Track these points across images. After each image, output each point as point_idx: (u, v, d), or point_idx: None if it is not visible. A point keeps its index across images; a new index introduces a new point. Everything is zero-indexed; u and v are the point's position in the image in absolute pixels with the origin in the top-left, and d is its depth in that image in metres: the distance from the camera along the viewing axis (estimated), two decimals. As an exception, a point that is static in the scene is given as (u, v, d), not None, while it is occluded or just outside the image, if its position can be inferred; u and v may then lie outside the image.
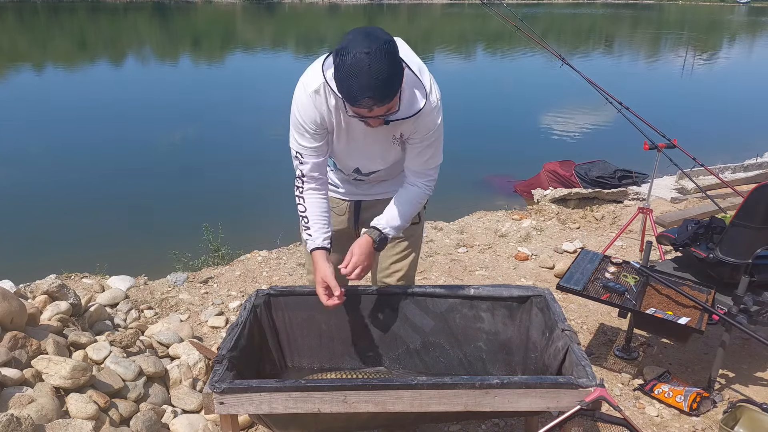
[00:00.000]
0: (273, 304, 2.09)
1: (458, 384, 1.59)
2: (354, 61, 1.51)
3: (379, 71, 1.51)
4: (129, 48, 22.66)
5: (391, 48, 1.56)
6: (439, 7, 55.45)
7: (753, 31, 38.54)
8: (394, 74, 1.57)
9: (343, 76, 1.55)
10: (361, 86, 1.53)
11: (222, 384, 1.59)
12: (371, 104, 1.56)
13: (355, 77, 1.52)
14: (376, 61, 1.51)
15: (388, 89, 1.56)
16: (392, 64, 1.55)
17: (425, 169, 1.92)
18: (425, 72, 1.79)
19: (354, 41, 1.54)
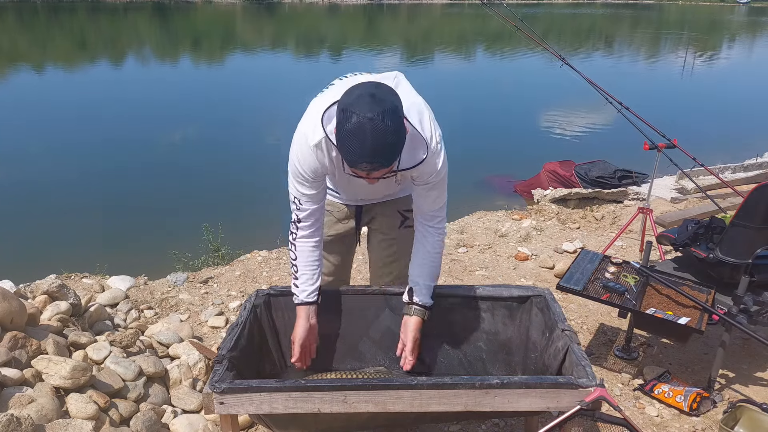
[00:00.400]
0: (273, 304, 2.09)
1: (458, 384, 1.59)
2: (356, 126, 1.49)
3: (380, 139, 1.50)
4: (129, 48, 22.65)
5: (394, 114, 1.53)
6: (439, 7, 55.44)
7: (753, 31, 38.54)
8: (396, 142, 1.55)
9: (343, 138, 1.53)
10: (361, 152, 1.51)
11: (222, 384, 1.59)
12: (370, 169, 1.56)
13: (356, 143, 1.50)
14: (379, 128, 1.49)
15: (387, 156, 1.55)
16: (394, 131, 1.53)
17: (433, 210, 1.92)
18: (425, 115, 1.77)
19: (358, 103, 1.51)
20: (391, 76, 1.79)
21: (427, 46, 26.65)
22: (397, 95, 1.61)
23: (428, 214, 1.93)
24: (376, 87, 1.57)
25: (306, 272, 1.93)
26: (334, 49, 23.83)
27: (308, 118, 1.79)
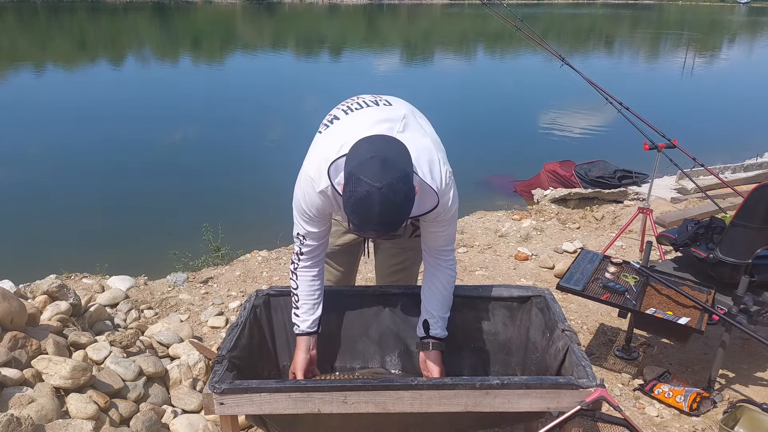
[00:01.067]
0: (273, 305, 2.09)
1: (458, 384, 1.59)
2: (365, 196, 1.45)
3: (389, 210, 1.47)
4: (129, 48, 22.66)
5: (404, 182, 1.49)
6: (439, 7, 55.44)
7: (753, 31, 38.55)
8: (405, 211, 1.52)
9: (352, 205, 1.49)
10: (368, 222, 1.49)
11: (222, 384, 1.59)
12: (376, 236, 1.57)
13: (364, 212, 1.47)
14: (388, 199, 1.45)
15: (396, 225, 1.53)
16: (403, 200, 1.49)
17: (443, 245, 1.89)
18: (435, 160, 1.71)
19: (368, 169, 1.46)
20: (399, 117, 1.73)
21: (427, 46, 26.65)
22: (407, 154, 1.57)
23: (438, 249, 1.90)
24: (387, 148, 1.53)
25: (307, 302, 1.92)
26: (334, 49, 23.84)
27: (314, 161, 1.73)
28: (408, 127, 1.72)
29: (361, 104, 1.80)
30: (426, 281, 1.95)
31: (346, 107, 1.82)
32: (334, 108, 1.87)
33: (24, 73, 16.09)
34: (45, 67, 17.06)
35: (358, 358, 2.14)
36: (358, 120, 1.72)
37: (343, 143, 1.61)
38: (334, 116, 1.81)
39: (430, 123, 2.01)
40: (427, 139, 1.74)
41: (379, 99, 1.84)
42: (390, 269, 2.24)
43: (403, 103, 1.86)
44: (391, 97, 1.89)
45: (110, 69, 17.57)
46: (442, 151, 1.77)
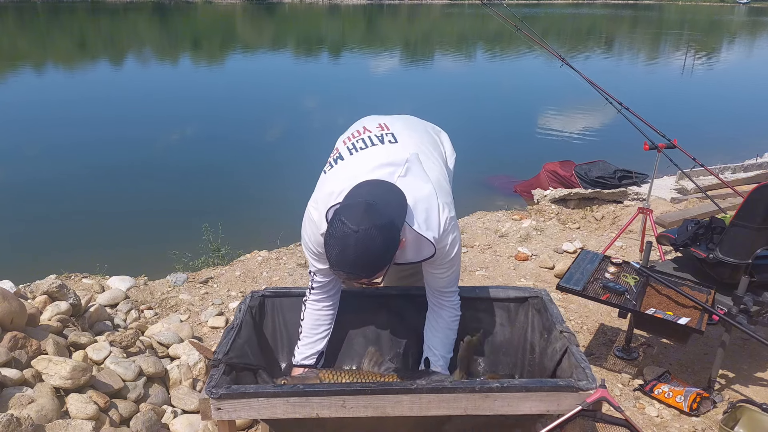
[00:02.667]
0: (268, 306, 2.09)
1: (458, 388, 1.59)
2: (339, 236, 1.47)
3: (361, 254, 1.46)
4: (128, 48, 22.67)
5: (384, 229, 1.48)
6: (439, 7, 55.45)
7: (753, 32, 38.55)
8: (378, 260, 1.50)
9: (328, 242, 1.51)
10: (340, 262, 1.49)
11: (219, 389, 1.57)
12: (346, 278, 1.54)
13: (337, 251, 1.48)
14: (361, 243, 1.45)
15: (367, 271, 1.51)
16: (380, 248, 1.48)
17: (445, 287, 1.88)
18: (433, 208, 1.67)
19: (352, 211, 1.49)
20: (402, 161, 1.70)
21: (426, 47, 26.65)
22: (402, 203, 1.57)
23: (440, 290, 1.89)
24: (380, 194, 1.54)
25: (309, 335, 1.93)
26: (334, 50, 23.84)
27: (318, 202, 1.71)
28: (410, 171, 1.69)
29: (366, 141, 1.78)
30: (430, 320, 1.94)
31: (351, 144, 1.79)
32: (340, 140, 1.86)
33: (24, 73, 16.09)
34: (45, 67, 17.07)
35: (356, 359, 2.13)
36: (360, 163, 1.71)
37: (342, 190, 1.61)
38: (339, 154, 1.80)
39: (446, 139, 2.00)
40: (429, 185, 1.69)
41: (385, 133, 1.80)
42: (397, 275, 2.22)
43: (410, 137, 1.82)
44: (398, 125, 1.85)
45: (110, 69, 17.58)
46: (444, 195, 1.73)
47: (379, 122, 1.85)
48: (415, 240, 1.66)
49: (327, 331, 1.95)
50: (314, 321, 1.92)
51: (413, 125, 1.94)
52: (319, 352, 1.93)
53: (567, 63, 4.38)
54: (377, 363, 1.91)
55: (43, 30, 29.21)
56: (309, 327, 1.92)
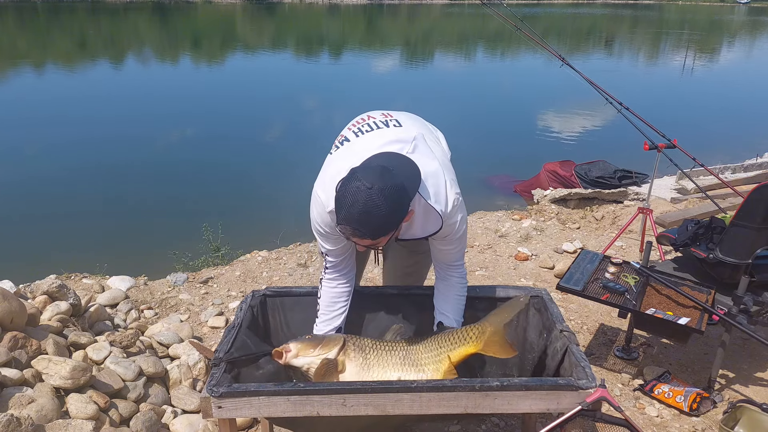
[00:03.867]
0: (269, 305, 2.09)
1: (458, 386, 1.59)
2: (352, 191, 1.49)
3: (370, 211, 1.48)
4: (128, 48, 22.66)
5: (396, 192, 1.50)
6: (439, 7, 55.44)
7: (753, 31, 38.55)
8: (385, 219, 1.51)
9: (338, 195, 1.53)
10: (347, 216, 1.50)
11: (220, 388, 1.58)
12: (350, 234, 1.54)
13: (346, 205, 1.50)
14: (372, 201, 1.47)
15: (371, 229, 1.52)
16: (389, 209, 1.49)
17: (453, 261, 1.92)
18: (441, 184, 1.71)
19: (367, 170, 1.52)
20: (410, 138, 1.74)
21: (427, 47, 26.65)
22: (415, 172, 1.58)
23: (448, 264, 1.92)
24: (398, 163, 1.57)
25: (326, 313, 1.94)
26: (334, 49, 23.84)
27: (324, 181, 1.74)
28: (417, 149, 1.72)
29: (371, 125, 1.80)
30: (439, 290, 1.96)
31: (356, 128, 1.82)
32: (345, 128, 1.88)
33: (24, 72, 16.10)
34: (45, 67, 17.06)
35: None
36: (367, 141, 1.73)
37: (351, 165, 1.61)
38: (344, 137, 1.82)
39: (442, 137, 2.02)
40: (436, 162, 1.73)
41: (389, 119, 1.83)
42: (400, 271, 2.24)
43: (413, 124, 1.85)
44: (401, 116, 1.88)
45: (110, 69, 17.58)
46: (451, 174, 1.76)
47: (382, 112, 1.89)
48: (424, 212, 1.68)
49: (344, 307, 1.96)
50: (330, 298, 1.93)
51: (414, 117, 1.99)
52: (336, 328, 1.94)
53: (567, 63, 4.38)
54: (401, 335, 1.89)
55: (43, 30, 29.21)
56: (326, 305, 1.94)
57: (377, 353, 1.78)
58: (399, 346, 1.83)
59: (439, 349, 1.79)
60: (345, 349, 1.77)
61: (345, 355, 1.76)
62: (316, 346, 1.75)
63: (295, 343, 1.76)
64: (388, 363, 1.77)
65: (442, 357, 1.77)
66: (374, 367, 1.75)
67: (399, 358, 1.78)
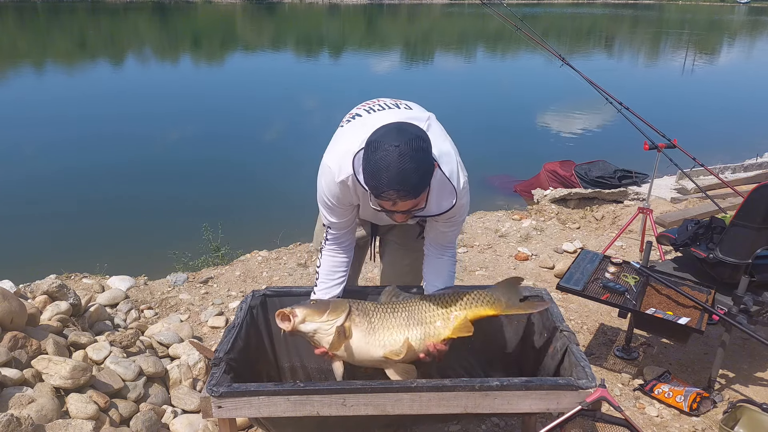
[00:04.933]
0: (269, 305, 2.09)
1: (457, 386, 1.59)
2: (382, 155, 1.49)
3: (406, 166, 1.48)
4: (129, 48, 22.66)
5: (421, 144, 1.52)
6: (439, 7, 55.44)
7: (753, 31, 38.55)
8: (422, 171, 1.52)
9: (370, 168, 1.52)
10: (388, 180, 1.49)
11: (220, 388, 1.58)
12: (395, 197, 1.52)
13: (382, 171, 1.49)
14: (405, 155, 1.48)
15: (414, 185, 1.51)
16: (421, 160, 1.51)
17: (449, 243, 1.95)
18: (454, 163, 1.74)
19: (385, 135, 1.52)
20: (424, 118, 1.76)
21: (427, 47, 26.65)
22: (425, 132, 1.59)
23: (444, 246, 1.94)
24: (403, 123, 1.58)
25: (325, 281, 1.94)
26: (334, 49, 23.84)
27: (335, 152, 1.75)
28: (431, 128, 1.74)
29: (383, 106, 1.84)
30: (431, 267, 1.97)
31: (368, 107, 1.84)
32: (355, 108, 1.90)
33: (24, 72, 16.10)
34: (45, 67, 17.07)
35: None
36: (380, 118, 1.74)
37: (364, 137, 1.60)
38: (356, 113, 1.84)
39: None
40: (448, 143, 1.77)
41: (399, 103, 1.87)
42: (398, 270, 2.24)
43: (423, 109, 1.89)
44: (411, 103, 1.92)
45: (110, 69, 17.58)
46: (459, 156, 1.79)
47: (392, 99, 1.92)
48: (440, 185, 1.69)
49: (342, 278, 1.97)
50: (330, 267, 1.94)
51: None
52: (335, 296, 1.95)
53: (567, 63, 4.38)
54: (395, 295, 1.88)
55: (43, 30, 29.21)
56: (325, 273, 1.95)
57: (381, 316, 1.77)
58: (401, 306, 1.81)
59: (447, 306, 1.80)
60: (350, 314, 1.75)
61: (350, 320, 1.74)
62: (324, 312, 1.72)
63: (301, 308, 1.72)
64: (393, 324, 1.76)
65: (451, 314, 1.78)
66: (379, 330, 1.74)
67: (403, 318, 1.77)
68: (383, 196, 1.52)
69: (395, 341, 1.73)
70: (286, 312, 1.71)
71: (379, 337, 1.73)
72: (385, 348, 1.72)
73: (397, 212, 1.60)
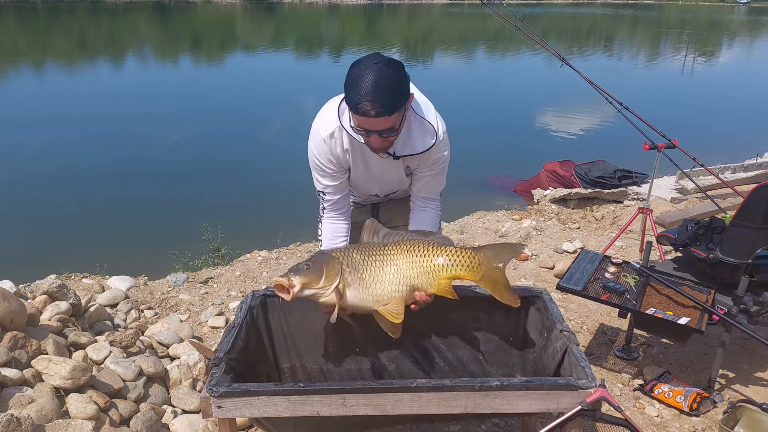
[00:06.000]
0: (269, 305, 2.08)
1: (457, 386, 1.58)
2: (361, 69, 1.63)
3: (381, 80, 1.61)
4: (128, 48, 22.66)
5: (399, 68, 1.66)
6: (439, 7, 55.44)
7: (753, 31, 38.55)
8: (397, 90, 1.65)
9: (349, 82, 1.65)
10: (364, 91, 1.61)
11: (220, 388, 1.57)
12: (369, 109, 1.62)
13: (360, 82, 1.61)
14: (382, 72, 1.62)
15: (389, 97, 1.63)
16: (397, 76, 1.65)
17: (434, 195, 2.07)
18: (431, 109, 1.91)
19: (365, 58, 1.67)
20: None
21: (426, 47, 26.65)
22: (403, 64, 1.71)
23: (428, 198, 2.05)
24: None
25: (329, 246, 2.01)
26: (334, 49, 23.84)
27: (321, 115, 1.92)
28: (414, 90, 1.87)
29: None
30: (416, 217, 2.07)
31: None
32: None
33: (24, 72, 16.10)
34: (45, 67, 17.07)
35: (355, 358, 2.13)
36: None
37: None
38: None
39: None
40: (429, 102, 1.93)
41: None
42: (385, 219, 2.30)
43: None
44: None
45: (110, 69, 17.59)
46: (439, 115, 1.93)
47: None
48: (419, 124, 1.86)
49: (344, 242, 2.06)
50: (332, 233, 2.04)
51: None
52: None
53: (567, 63, 4.38)
54: (375, 232, 1.87)
55: (43, 30, 29.21)
56: (328, 239, 2.05)
57: (371, 271, 1.79)
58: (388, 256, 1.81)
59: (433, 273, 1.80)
60: (342, 274, 1.77)
61: (343, 281, 1.77)
62: (320, 278, 1.74)
63: (297, 277, 1.72)
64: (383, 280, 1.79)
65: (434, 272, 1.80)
66: (371, 286, 1.77)
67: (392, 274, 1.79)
68: (359, 108, 1.63)
69: (386, 294, 1.77)
70: (285, 284, 1.71)
71: (372, 292, 1.78)
72: (378, 302, 1.76)
73: (374, 132, 1.70)
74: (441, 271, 1.80)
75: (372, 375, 2.11)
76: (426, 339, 2.08)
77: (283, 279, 1.70)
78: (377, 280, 1.78)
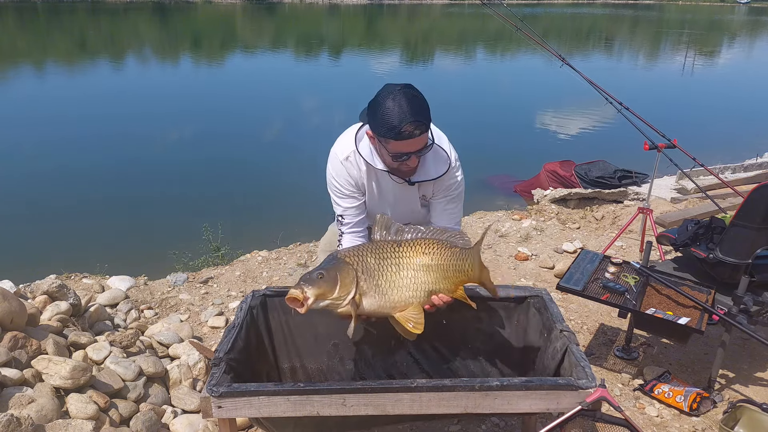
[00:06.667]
0: (269, 305, 2.08)
1: (457, 386, 1.58)
2: (390, 100, 1.72)
3: (415, 99, 1.74)
4: (128, 48, 22.66)
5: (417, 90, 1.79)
6: (439, 7, 55.45)
7: (753, 31, 38.55)
8: (426, 105, 1.78)
9: (383, 116, 1.73)
10: (403, 115, 1.71)
11: (220, 388, 1.57)
12: (413, 129, 1.72)
13: (395, 107, 1.71)
14: (407, 91, 1.74)
15: (425, 113, 1.76)
16: (422, 98, 1.77)
17: (452, 224, 2.08)
18: (443, 137, 2.00)
19: (383, 90, 1.77)
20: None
21: (426, 47, 26.65)
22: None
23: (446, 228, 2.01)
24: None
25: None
26: (334, 49, 23.84)
27: (339, 141, 2.01)
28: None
29: None
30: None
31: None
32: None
33: (24, 72, 16.10)
34: (45, 67, 17.06)
35: (356, 358, 2.13)
36: None
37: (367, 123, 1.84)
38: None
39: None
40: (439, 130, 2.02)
41: None
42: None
43: None
44: None
45: (110, 69, 17.57)
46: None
47: None
48: (434, 152, 1.94)
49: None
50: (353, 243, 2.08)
51: None
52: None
53: (567, 63, 4.38)
54: (387, 228, 1.81)
55: (43, 30, 29.21)
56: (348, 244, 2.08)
57: (387, 277, 1.73)
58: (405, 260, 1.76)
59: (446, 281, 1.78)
60: (358, 282, 1.71)
61: (359, 290, 1.71)
62: (334, 287, 1.66)
63: (310, 288, 1.64)
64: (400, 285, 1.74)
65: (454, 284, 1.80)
66: (388, 293, 1.73)
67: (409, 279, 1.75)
68: (403, 132, 1.72)
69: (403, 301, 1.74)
70: (299, 296, 1.63)
71: (389, 299, 1.74)
72: (395, 309, 1.74)
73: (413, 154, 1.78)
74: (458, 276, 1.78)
75: (372, 375, 2.11)
76: (426, 339, 2.08)
77: (296, 291, 1.63)
78: (394, 286, 1.73)
